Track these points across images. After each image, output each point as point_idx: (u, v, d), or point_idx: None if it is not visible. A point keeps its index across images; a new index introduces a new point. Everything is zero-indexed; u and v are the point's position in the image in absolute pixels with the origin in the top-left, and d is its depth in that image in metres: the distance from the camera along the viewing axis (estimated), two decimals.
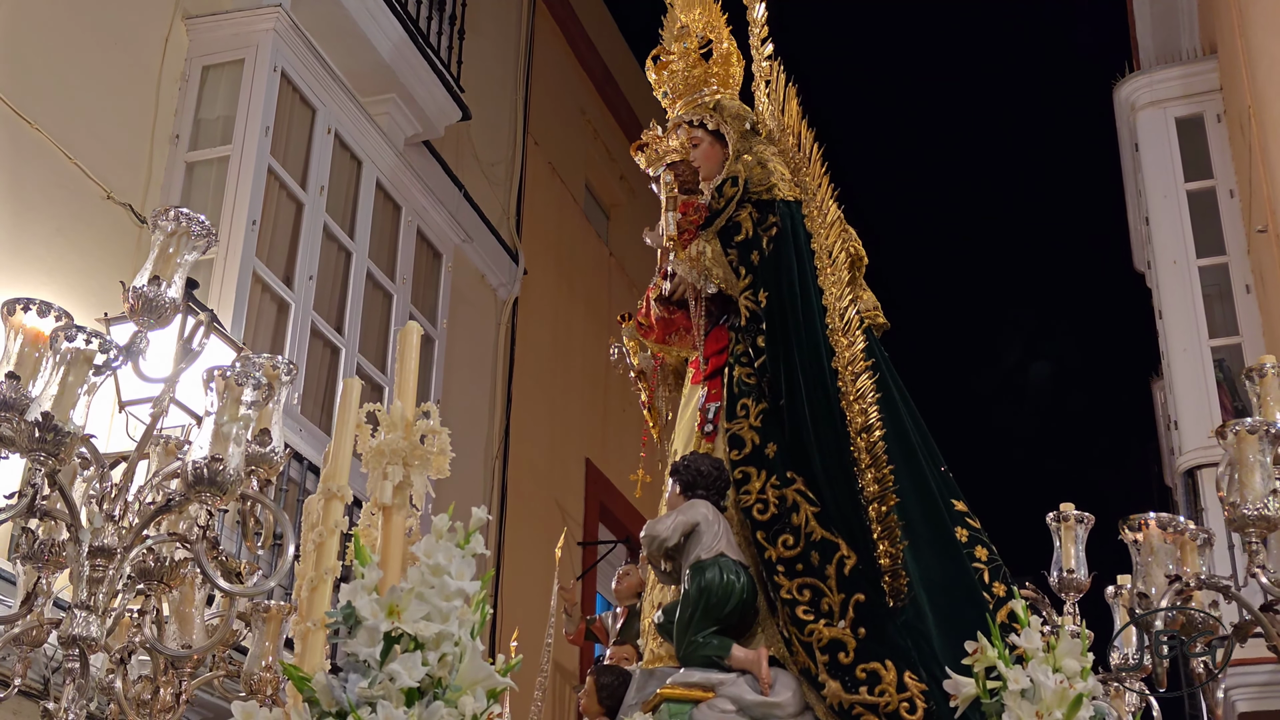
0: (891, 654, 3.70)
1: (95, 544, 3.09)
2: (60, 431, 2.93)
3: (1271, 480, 3.39)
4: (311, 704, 2.85)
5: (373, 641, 2.86)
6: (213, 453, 3.02)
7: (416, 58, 8.56)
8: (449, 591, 2.93)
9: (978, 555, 4.06)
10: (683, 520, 3.92)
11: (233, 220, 6.73)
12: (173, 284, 3.36)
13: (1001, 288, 20.56)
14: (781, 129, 4.49)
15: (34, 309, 3.16)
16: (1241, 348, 8.41)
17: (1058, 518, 4.48)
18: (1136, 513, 3.62)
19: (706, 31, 4.81)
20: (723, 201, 4.44)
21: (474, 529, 3.00)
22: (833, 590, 3.80)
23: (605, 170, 12.68)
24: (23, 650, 3.92)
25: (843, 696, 3.66)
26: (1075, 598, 4.50)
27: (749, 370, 4.20)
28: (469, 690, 2.86)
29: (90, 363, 3.04)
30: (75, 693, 3.02)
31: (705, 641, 3.81)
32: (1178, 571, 3.54)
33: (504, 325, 10.18)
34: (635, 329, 4.72)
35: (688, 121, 4.67)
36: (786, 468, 4.01)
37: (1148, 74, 9.39)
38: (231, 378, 3.10)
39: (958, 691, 3.16)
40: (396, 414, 3.65)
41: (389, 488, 3.57)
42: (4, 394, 3.03)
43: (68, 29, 6.42)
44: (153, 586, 3.48)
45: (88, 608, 3.05)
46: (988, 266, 19.90)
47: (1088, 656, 3.15)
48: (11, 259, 5.91)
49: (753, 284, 4.27)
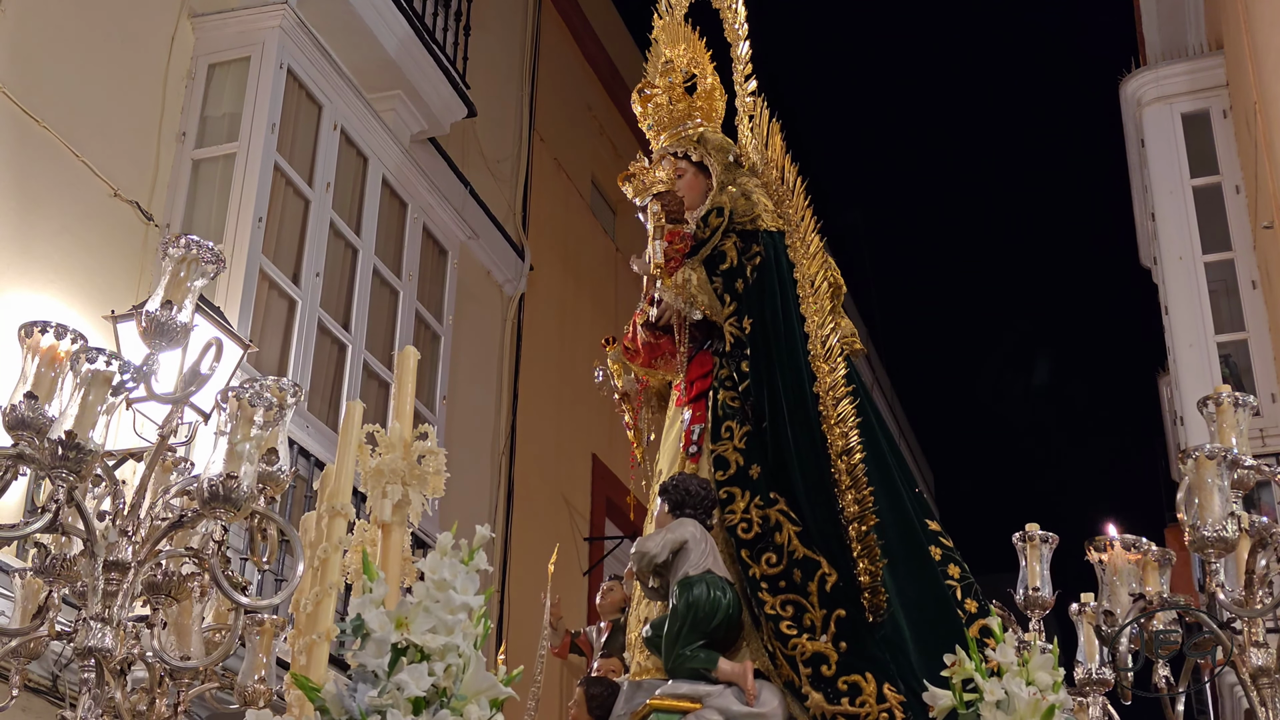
0: (871, 667, 3.85)
1: (109, 558, 3.21)
2: (83, 450, 3.04)
3: (1229, 504, 3.58)
4: (322, 713, 2.99)
5: (381, 653, 3.00)
6: (227, 470, 3.15)
7: (423, 54, 8.59)
8: (454, 605, 3.07)
9: (950, 573, 4.24)
10: (672, 538, 4.07)
11: (239, 217, 6.75)
12: (183, 308, 3.49)
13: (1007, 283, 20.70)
14: (765, 162, 4.66)
15: (51, 331, 3.28)
16: (1248, 343, 8.46)
17: (1024, 537, 4.66)
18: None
19: (690, 66, 4.98)
20: (708, 231, 4.60)
21: (477, 546, 3.15)
22: (815, 606, 3.97)
23: (611, 166, 12.54)
24: (20, 661, 4.04)
25: (825, 708, 3.82)
26: (1040, 615, 4.68)
27: (733, 394, 4.36)
28: (473, 699, 3.01)
29: (109, 384, 3.16)
30: (91, 702, 3.13)
31: (693, 655, 3.95)
32: (1141, 590, 3.72)
33: (510, 321, 10.22)
34: (621, 353, 4.87)
35: (672, 153, 4.84)
36: (770, 488, 4.16)
37: (1154, 69, 9.40)
38: (245, 399, 3.22)
39: (935, 703, 3.33)
40: (395, 434, 3.80)
41: (388, 506, 3.73)
42: (23, 414, 3.14)
43: (75, 27, 6.46)
44: (160, 600, 3.59)
45: (103, 620, 3.17)
46: (994, 262, 20.06)
47: (1059, 670, 3.33)
48: (19, 256, 5.96)
49: (737, 311, 4.44)
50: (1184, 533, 3.55)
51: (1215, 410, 3.87)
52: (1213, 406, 3.87)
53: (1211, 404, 3.87)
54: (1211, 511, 3.54)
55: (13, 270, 5.88)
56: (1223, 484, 3.57)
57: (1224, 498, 3.56)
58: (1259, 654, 3.55)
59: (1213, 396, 3.90)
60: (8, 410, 3.15)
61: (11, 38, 6.08)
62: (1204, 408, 3.96)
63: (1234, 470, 3.64)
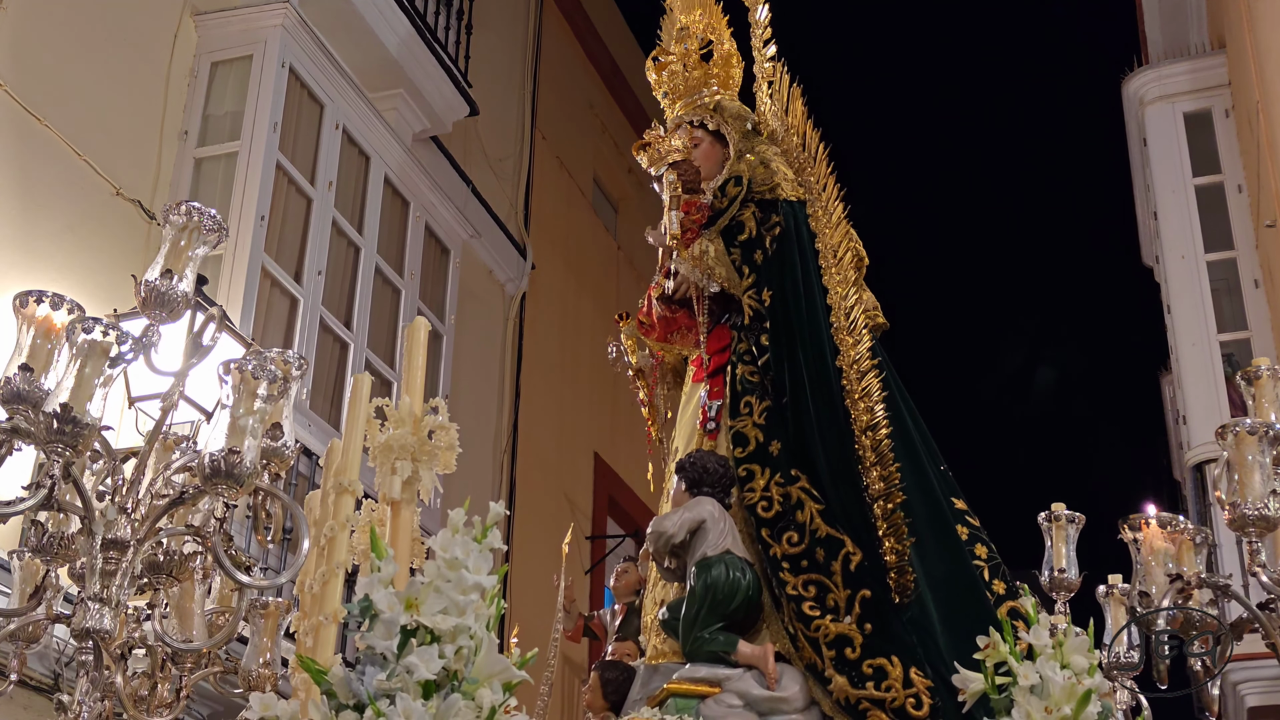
0: (898, 649, 3.74)
1: (108, 536, 3.09)
2: (79, 423, 2.93)
3: (1270, 480, 3.45)
4: (329, 696, 2.87)
5: (389, 634, 2.88)
6: (229, 445, 3.02)
7: (424, 53, 8.59)
8: (466, 585, 2.95)
9: (978, 553, 4.11)
10: (689, 517, 3.95)
11: (241, 216, 6.74)
12: (184, 278, 3.36)
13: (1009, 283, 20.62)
14: (785, 129, 4.53)
15: (46, 301, 3.16)
16: (1250, 342, 8.44)
17: (1049, 517, 4.53)
18: (1145, 508, 3.67)
19: (707, 33, 4.84)
20: (726, 201, 4.47)
21: (490, 524, 3.02)
22: (839, 586, 3.84)
23: (613, 164, 12.69)
24: (19, 645, 3.93)
25: (850, 691, 3.70)
26: (1066, 597, 4.55)
27: (752, 368, 4.23)
28: (486, 683, 2.89)
29: (106, 355, 3.04)
30: (89, 685, 3.01)
31: (711, 637, 3.84)
32: (1177, 570, 3.60)
33: (512, 320, 10.20)
34: (636, 327, 4.74)
35: (689, 122, 4.70)
36: (791, 465, 4.04)
37: (1156, 69, 9.39)
38: (248, 371, 3.10)
39: (966, 686, 3.20)
40: (405, 409, 3.68)
41: (397, 483, 3.60)
42: (17, 386, 3.02)
43: (77, 26, 6.43)
44: (160, 580, 3.48)
45: (101, 600, 3.05)
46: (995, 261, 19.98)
47: (1095, 653, 3.20)
48: (21, 255, 5.92)
49: (756, 283, 4.31)
50: (1224, 510, 3.42)
51: (1255, 384, 3.73)
52: (1252, 379, 3.74)
53: (1251, 377, 3.73)
54: (1252, 489, 3.42)
55: (15, 269, 5.83)
56: (1264, 460, 3.45)
57: (1264, 474, 3.44)
58: None
59: (1252, 370, 3.76)
60: (2, 383, 3.03)
61: (13, 36, 6.03)
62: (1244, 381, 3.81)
63: (1275, 446, 3.51)
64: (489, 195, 9.83)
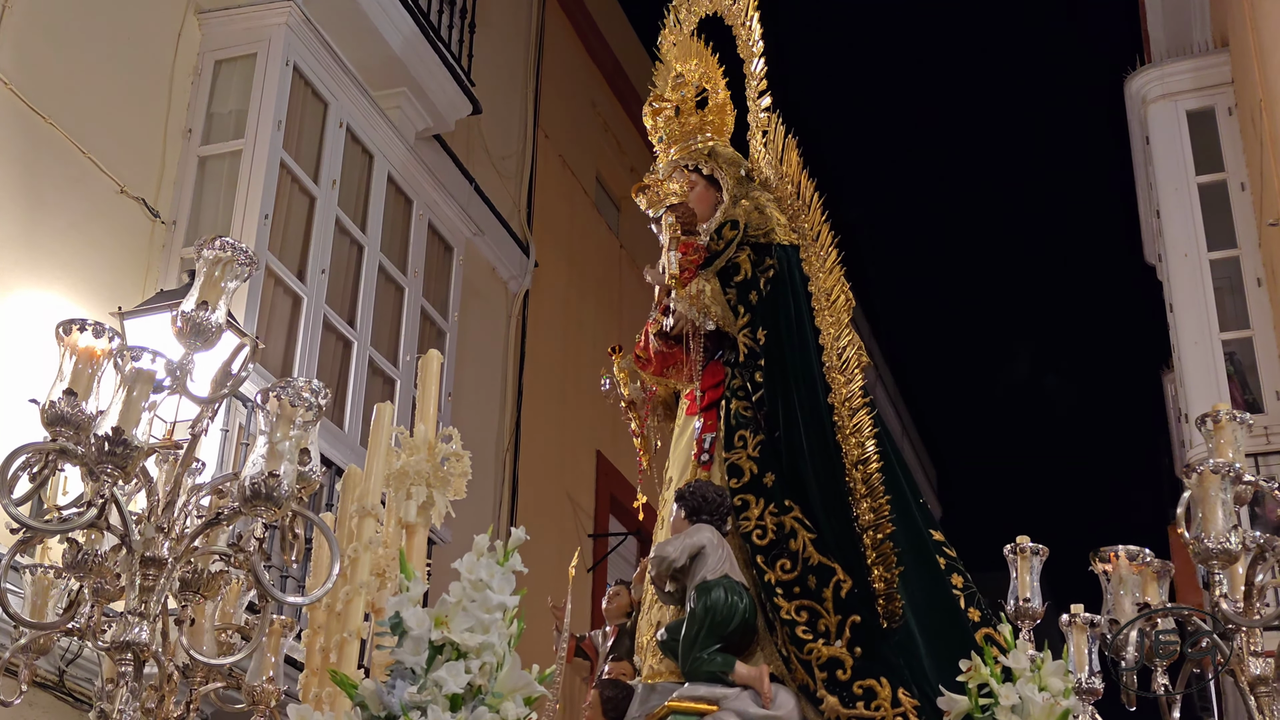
0: (886, 671, 3.96)
1: (146, 554, 3.25)
2: (129, 446, 3.09)
3: (1231, 517, 3.71)
4: (361, 708, 3.05)
5: (418, 650, 3.06)
6: (268, 469, 3.19)
7: (428, 51, 8.59)
8: (490, 605, 3.15)
9: (954, 582, 4.35)
10: (690, 543, 4.16)
11: (245, 214, 6.75)
12: (218, 309, 3.54)
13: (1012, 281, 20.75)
14: (780, 177, 4.77)
15: (89, 329, 3.32)
16: (1252, 341, 8.49)
17: (1014, 549, 4.77)
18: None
19: (702, 81, 5.08)
20: (722, 243, 4.70)
21: (513, 547, 3.23)
22: (830, 612, 4.06)
23: (616, 163, 12.69)
24: (29, 656, 4.06)
25: (841, 711, 3.92)
26: (1030, 625, 4.80)
27: (746, 404, 4.45)
28: (509, 697, 3.08)
29: (152, 382, 3.21)
30: (129, 695, 3.17)
31: (710, 658, 4.03)
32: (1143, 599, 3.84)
33: (515, 318, 10.21)
34: (633, 361, 4.95)
35: (684, 166, 4.93)
36: (784, 496, 4.26)
37: (1159, 67, 9.42)
38: (285, 399, 3.27)
39: (951, 708, 3.43)
40: (420, 437, 3.87)
41: (413, 507, 3.79)
42: (62, 409, 3.18)
43: (80, 24, 6.46)
44: (189, 597, 3.63)
45: (140, 615, 3.20)
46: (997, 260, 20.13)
47: (1070, 676, 3.45)
48: (26, 253, 5.95)
49: (751, 322, 4.54)
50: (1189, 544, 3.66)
51: (1214, 427, 3.99)
52: (1210, 423, 3.99)
53: (1210, 420, 3.99)
54: (1215, 524, 3.66)
55: (20, 267, 5.88)
56: (1225, 498, 3.70)
57: (1226, 511, 3.69)
58: (1257, 663, 3.67)
59: (1211, 414, 4.02)
60: (46, 406, 3.19)
61: (18, 34, 6.07)
62: (1201, 425, 4.08)
63: (1235, 485, 3.77)
64: (492, 193, 9.85)
